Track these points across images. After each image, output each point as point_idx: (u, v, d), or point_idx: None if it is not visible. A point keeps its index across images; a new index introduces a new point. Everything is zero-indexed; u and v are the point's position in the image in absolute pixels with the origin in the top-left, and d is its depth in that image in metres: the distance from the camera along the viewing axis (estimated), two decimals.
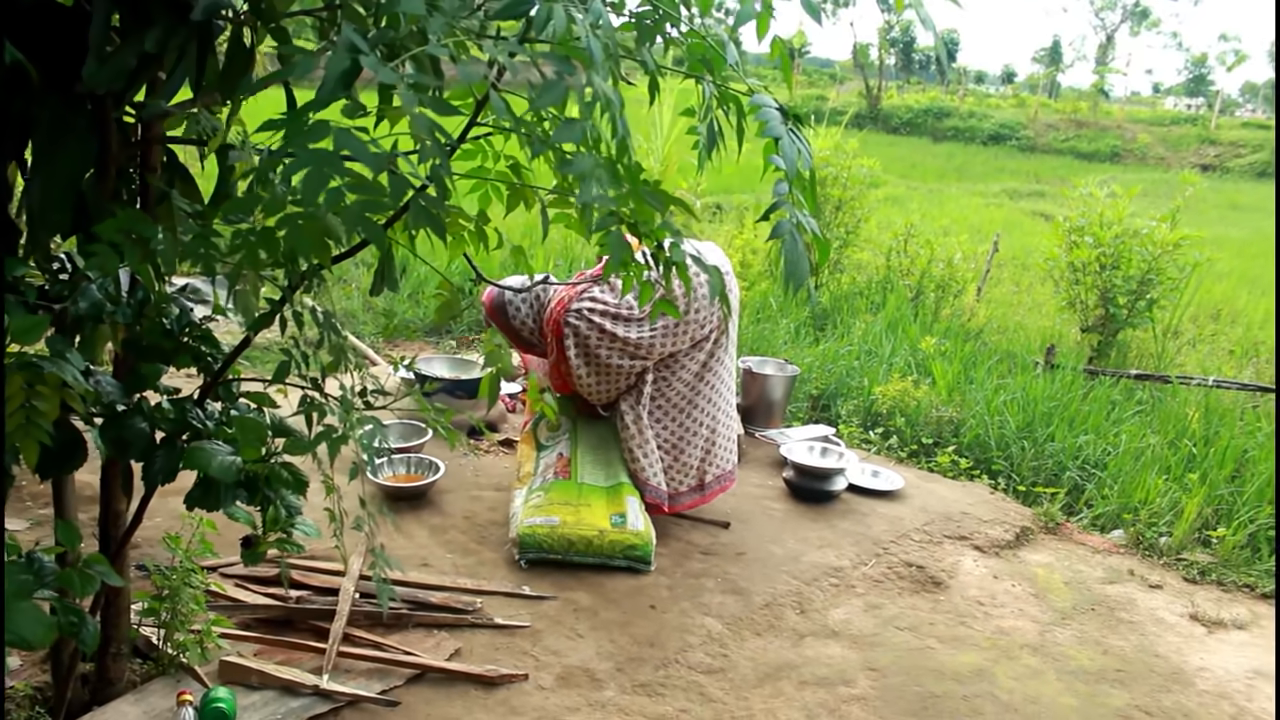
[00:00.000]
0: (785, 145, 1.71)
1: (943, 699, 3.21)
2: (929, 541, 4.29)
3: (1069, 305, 6.98)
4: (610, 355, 3.92)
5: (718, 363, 4.12)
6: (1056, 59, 52.25)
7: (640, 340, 3.89)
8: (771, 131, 1.70)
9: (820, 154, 7.59)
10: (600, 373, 3.98)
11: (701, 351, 4.05)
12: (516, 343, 4.26)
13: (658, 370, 4.03)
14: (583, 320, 3.90)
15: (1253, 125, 35.35)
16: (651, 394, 4.05)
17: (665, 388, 4.05)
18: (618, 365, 3.94)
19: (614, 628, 3.42)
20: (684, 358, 4.02)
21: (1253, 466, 4.94)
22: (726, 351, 4.16)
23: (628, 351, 3.91)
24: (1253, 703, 3.39)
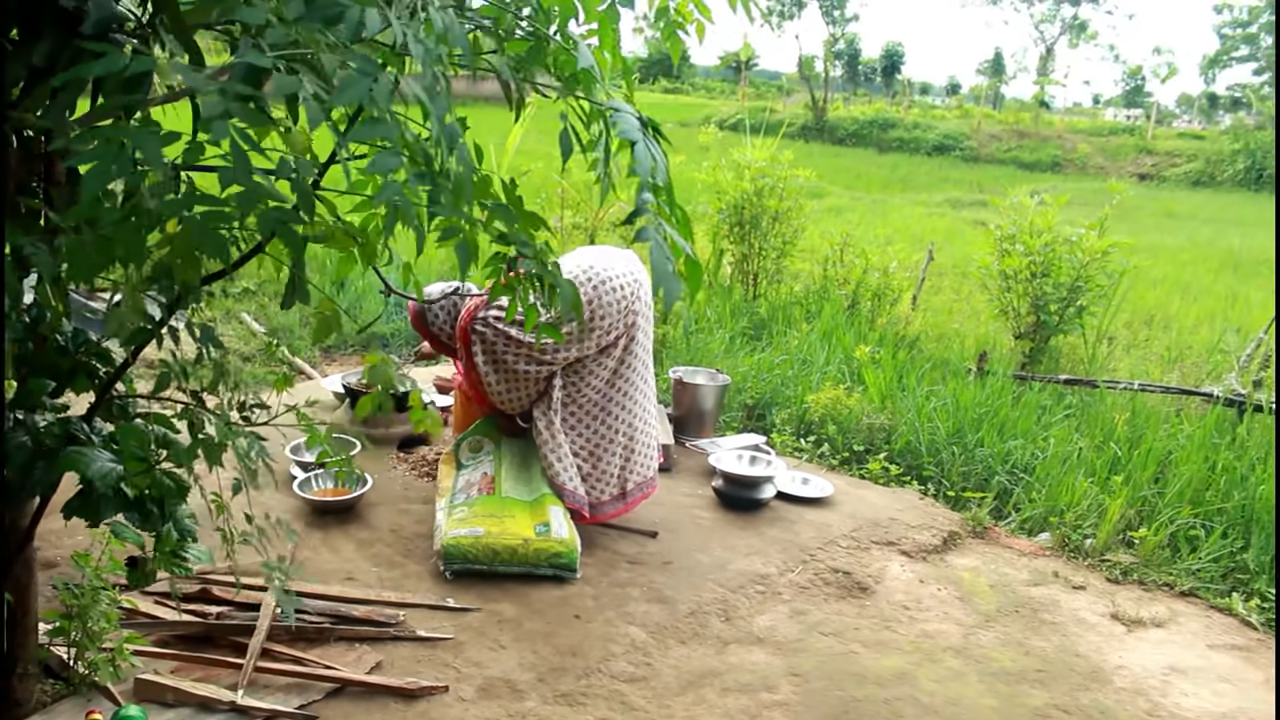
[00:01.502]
0: (640, 152, 1.71)
1: (864, 703, 3.23)
2: (856, 547, 4.32)
3: (1001, 313, 7.07)
4: (517, 361, 3.97)
5: (629, 369, 4.14)
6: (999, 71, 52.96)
7: (544, 345, 3.95)
8: (626, 135, 1.71)
9: (757, 165, 7.63)
10: (509, 379, 4.02)
11: (610, 358, 4.08)
12: (442, 350, 4.29)
13: (567, 376, 4.06)
14: (489, 328, 3.96)
15: (1188, 135, 36.07)
16: (564, 400, 4.08)
17: (577, 394, 4.08)
18: (524, 371, 3.98)
19: (537, 638, 3.41)
20: (592, 364, 4.05)
21: (1174, 468, 5.02)
22: (638, 358, 4.18)
23: (533, 357, 3.96)
24: (1167, 698, 3.45)
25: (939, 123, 35.99)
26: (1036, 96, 40.56)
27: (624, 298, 4.02)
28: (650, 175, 1.74)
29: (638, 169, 1.72)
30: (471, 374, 4.11)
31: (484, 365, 4.02)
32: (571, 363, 4.04)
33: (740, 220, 7.73)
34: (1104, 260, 6.78)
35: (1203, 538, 4.54)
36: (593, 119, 1.82)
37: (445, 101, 1.43)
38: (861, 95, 49.08)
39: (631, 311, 4.06)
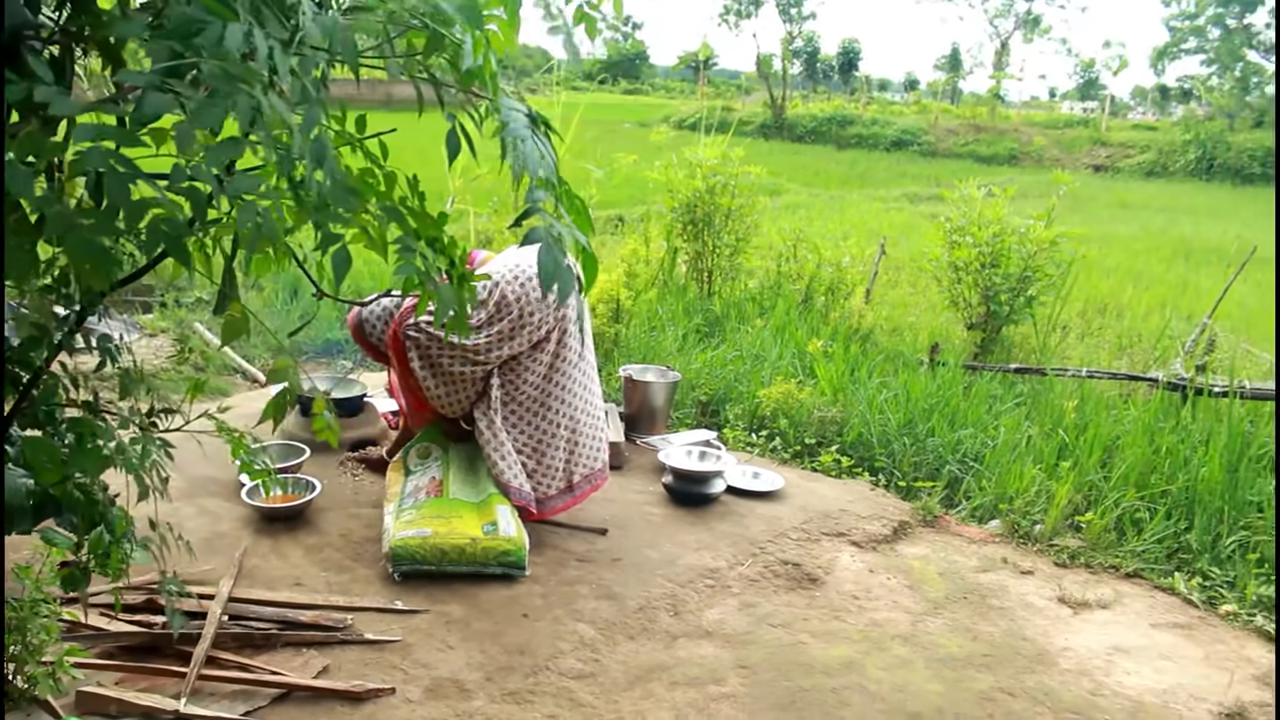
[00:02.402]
0: (529, 150, 1.70)
1: (811, 692, 3.26)
2: (807, 539, 4.35)
3: (952, 304, 7.13)
4: (452, 363, 3.98)
5: (565, 363, 4.17)
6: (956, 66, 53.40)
7: (478, 346, 3.96)
8: (512, 133, 1.70)
9: (708, 163, 7.66)
10: (446, 382, 4.04)
11: (544, 353, 4.11)
12: (379, 359, 4.28)
13: (504, 374, 4.08)
14: (421, 333, 3.97)
15: (1141, 127, 36.55)
16: (502, 398, 4.10)
17: (515, 391, 4.10)
18: (460, 372, 4.00)
19: (485, 638, 3.41)
20: (527, 360, 4.08)
21: (1121, 453, 5.09)
22: (574, 350, 4.20)
23: (468, 358, 3.98)
24: (1110, 677, 3.50)
25: (897, 119, 36.25)
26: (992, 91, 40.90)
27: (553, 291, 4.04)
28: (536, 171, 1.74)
29: (527, 168, 1.71)
30: (409, 380, 4.12)
31: (421, 370, 4.03)
32: (506, 360, 4.06)
33: (693, 218, 7.75)
34: (1052, 250, 6.86)
35: (1147, 520, 4.60)
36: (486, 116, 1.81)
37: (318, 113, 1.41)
38: (820, 93, 49.32)
39: (562, 306, 4.09)
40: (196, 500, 4.24)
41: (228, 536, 3.95)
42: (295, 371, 2.06)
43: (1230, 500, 4.65)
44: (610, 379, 5.93)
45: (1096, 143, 32.79)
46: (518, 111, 1.76)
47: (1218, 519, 4.58)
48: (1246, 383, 5.69)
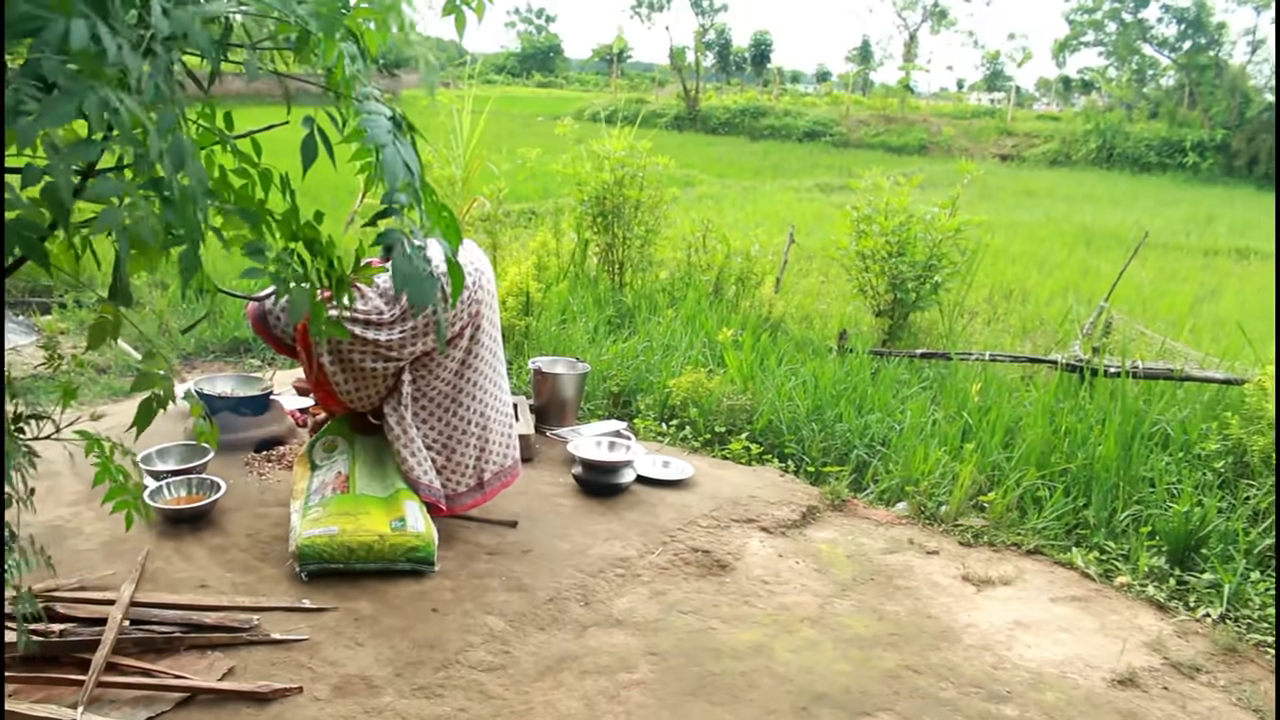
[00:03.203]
0: (389, 157, 1.68)
1: (720, 676, 3.29)
2: (716, 526, 4.39)
3: (860, 292, 7.24)
4: (363, 359, 3.92)
5: (477, 359, 4.14)
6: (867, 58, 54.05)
7: (391, 342, 3.91)
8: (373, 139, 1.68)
9: (615, 156, 7.67)
10: (357, 377, 3.98)
11: (458, 349, 4.08)
12: (284, 353, 4.21)
13: (415, 370, 4.04)
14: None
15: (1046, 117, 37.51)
16: (414, 394, 4.06)
17: (426, 387, 4.07)
18: (371, 368, 3.94)
19: (395, 633, 3.39)
20: (440, 356, 4.04)
21: (1022, 433, 5.22)
22: (485, 347, 4.18)
23: (380, 354, 3.92)
24: (1011, 651, 3.59)
25: (809, 110, 36.67)
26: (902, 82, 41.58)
27: (466, 288, 4.02)
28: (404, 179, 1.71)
29: (385, 175, 1.68)
30: (319, 375, 4.05)
31: (330, 365, 3.96)
32: (419, 356, 4.02)
33: (603, 210, 7.76)
34: (957, 238, 7.00)
35: (1047, 498, 4.73)
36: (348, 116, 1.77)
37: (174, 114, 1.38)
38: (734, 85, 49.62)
39: (475, 301, 4.07)
40: (97, 504, 4.14)
41: (130, 540, 3.86)
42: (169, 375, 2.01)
43: (1125, 476, 4.80)
44: (520, 371, 5.93)
45: (1003, 133, 33.56)
46: (379, 115, 1.73)
47: (1113, 495, 4.72)
48: (1140, 363, 5.87)
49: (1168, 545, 4.36)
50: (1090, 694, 3.37)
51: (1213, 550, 4.30)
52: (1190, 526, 4.37)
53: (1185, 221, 17.46)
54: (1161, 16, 34.28)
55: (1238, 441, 4.88)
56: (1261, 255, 13.89)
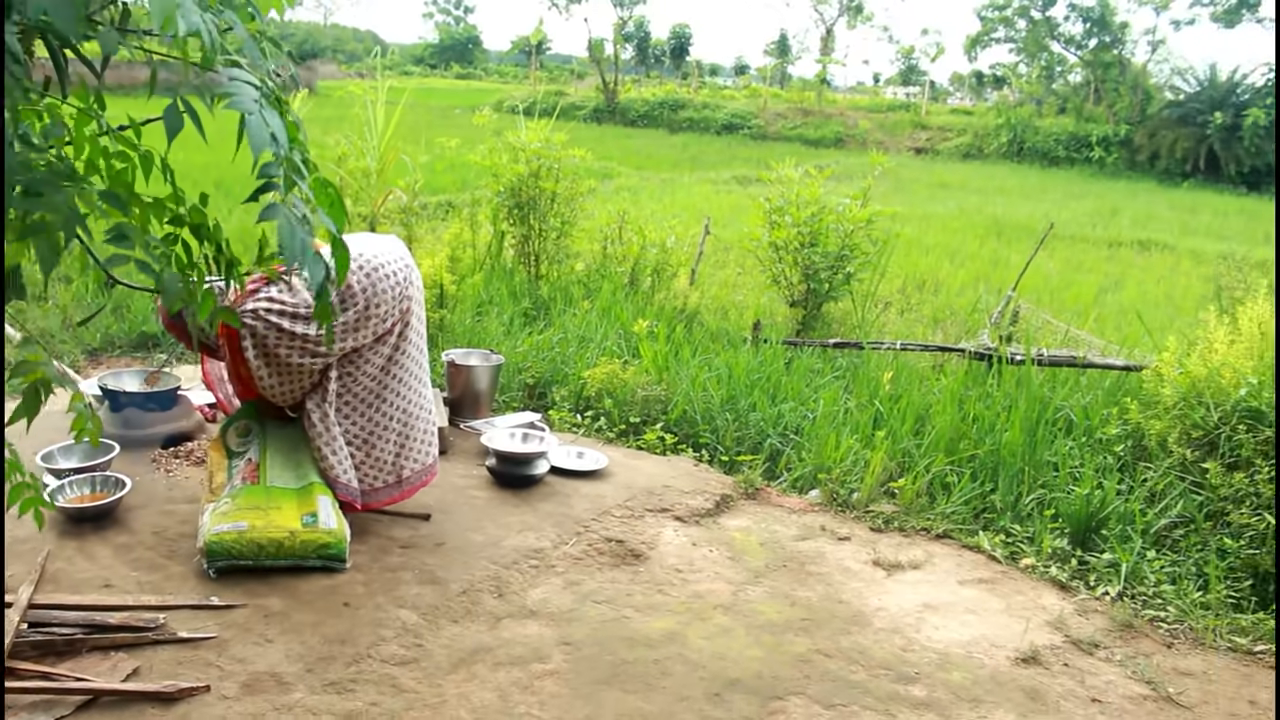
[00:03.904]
0: (254, 125, 1.64)
1: (634, 664, 3.32)
2: (630, 516, 4.41)
3: (774, 282, 7.32)
4: (291, 354, 3.82)
5: (403, 355, 4.09)
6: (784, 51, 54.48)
7: (321, 336, 3.81)
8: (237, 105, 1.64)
9: (531, 147, 7.65)
10: (282, 373, 3.88)
11: (386, 345, 4.01)
12: (196, 348, 4.11)
13: (342, 366, 3.96)
14: (259, 321, 3.78)
15: (959, 111, 38.24)
16: (338, 390, 3.98)
17: (351, 383, 3.99)
18: (299, 364, 3.85)
19: (305, 629, 3.35)
20: (368, 352, 3.97)
21: (932, 420, 5.33)
22: (413, 344, 4.13)
23: (308, 349, 3.82)
24: (920, 633, 3.67)
25: (728, 103, 36.91)
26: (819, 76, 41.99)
27: (398, 284, 3.96)
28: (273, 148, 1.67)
29: (251, 143, 1.65)
30: (241, 369, 3.94)
31: (255, 360, 3.85)
32: (348, 352, 3.95)
33: (519, 202, 7.73)
34: (868, 229, 7.11)
35: (956, 483, 4.83)
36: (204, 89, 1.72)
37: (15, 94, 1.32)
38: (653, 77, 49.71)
39: (406, 297, 4.01)
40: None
41: (29, 541, 3.76)
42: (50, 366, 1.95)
43: (1030, 461, 4.92)
44: (434, 364, 5.88)
45: (918, 126, 34.13)
46: (245, 84, 1.68)
47: (1019, 479, 4.84)
48: (1045, 351, 6.02)
49: (1070, 527, 4.48)
50: (995, 673, 3.45)
51: (1112, 531, 4.43)
52: (1091, 509, 4.50)
53: (1091, 214, 17.90)
54: (1068, 15, 35.12)
55: (1136, 426, 5.02)
56: (1161, 247, 14.30)
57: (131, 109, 2.07)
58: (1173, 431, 4.77)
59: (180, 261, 1.73)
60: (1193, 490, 4.57)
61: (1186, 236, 15.74)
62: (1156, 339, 6.35)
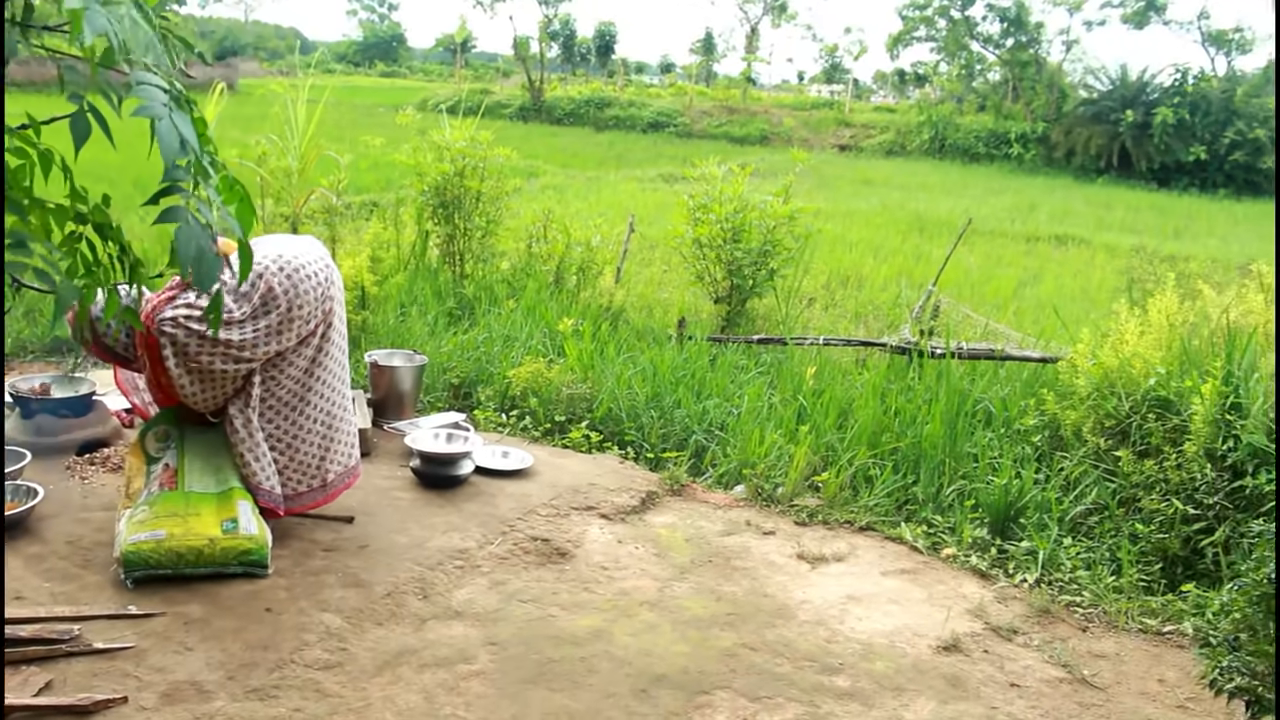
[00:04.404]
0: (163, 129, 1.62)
1: (560, 663, 3.32)
2: (556, 515, 4.40)
3: (698, 279, 7.36)
4: (213, 361, 3.73)
5: (326, 356, 4.03)
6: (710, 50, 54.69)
7: (244, 341, 3.73)
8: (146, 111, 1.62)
9: (456, 146, 7.60)
10: (205, 380, 3.79)
11: (309, 347, 3.95)
12: (109, 359, 4.00)
13: (266, 370, 3.88)
14: (179, 328, 3.68)
15: (883, 109, 38.80)
16: (261, 394, 3.91)
17: (275, 386, 3.92)
18: (221, 370, 3.77)
19: (227, 636, 3.30)
20: (292, 355, 3.90)
21: (855, 414, 5.40)
22: (335, 345, 4.08)
23: (230, 355, 3.74)
24: (844, 624, 3.72)
25: (654, 101, 37.04)
26: (744, 74, 42.33)
27: (320, 284, 3.91)
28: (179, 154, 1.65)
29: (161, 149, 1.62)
30: (160, 378, 3.84)
31: (176, 368, 3.74)
32: (271, 356, 3.88)
33: (443, 201, 7.68)
34: (791, 225, 7.18)
35: (879, 476, 4.90)
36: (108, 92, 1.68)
37: None
38: (579, 75, 49.63)
39: (328, 298, 3.96)
40: None
41: None
42: None
43: (951, 453, 5.01)
44: (358, 365, 5.82)
45: (841, 124, 34.57)
46: (153, 88, 1.66)
47: (940, 471, 4.92)
48: (964, 344, 6.14)
49: (989, 516, 4.57)
50: (917, 661, 3.51)
51: (1030, 519, 4.52)
52: (1010, 498, 4.60)
53: (1010, 209, 18.27)
54: (986, 15, 35.79)
55: (1053, 416, 5.13)
56: (1077, 241, 14.65)
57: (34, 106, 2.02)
58: (1087, 421, 4.89)
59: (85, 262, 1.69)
60: (1106, 478, 4.69)
61: (1101, 231, 16.13)
62: (1072, 331, 6.49)
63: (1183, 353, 4.94)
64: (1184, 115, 29.23)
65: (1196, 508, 4.25)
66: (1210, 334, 5.20)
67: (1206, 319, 5.45)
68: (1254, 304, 5.39)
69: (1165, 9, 35.43)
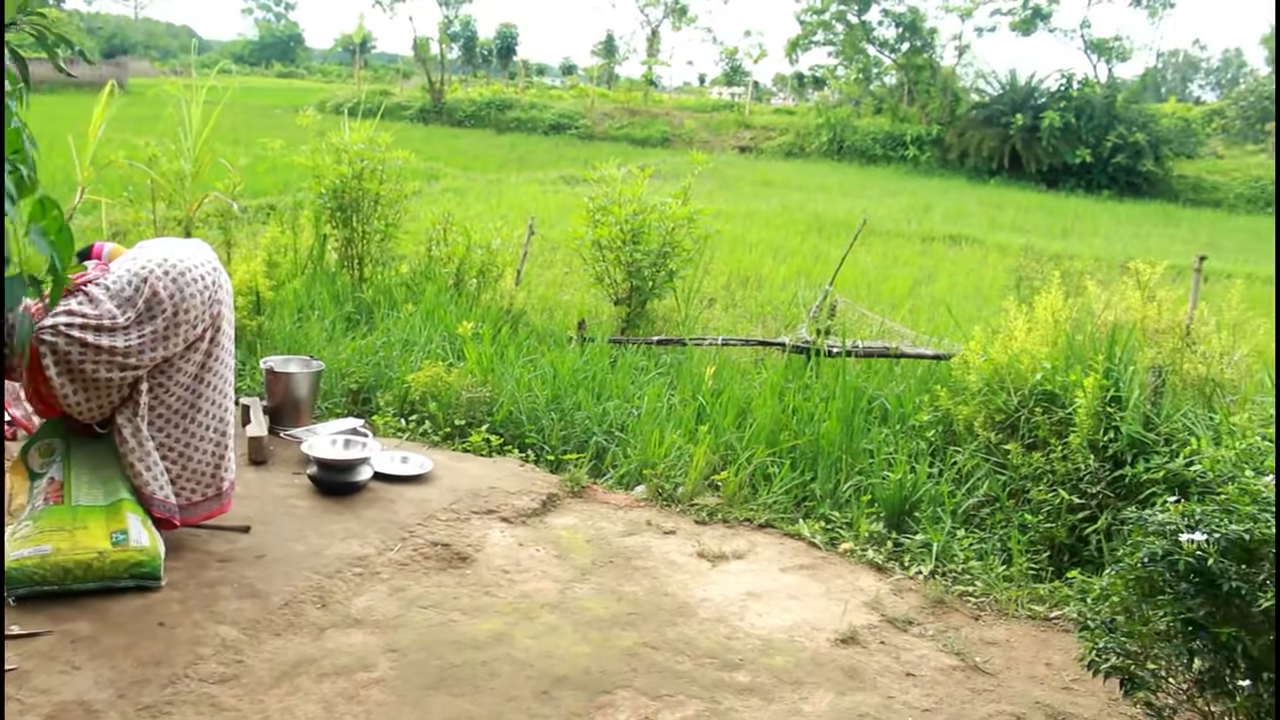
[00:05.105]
0: None
1: (461, 668, 3.30)
2: (456, 519, 4.38)
3: (598, 280, 7.37)
4: (98, 369, 3.62)
5: (216, 362, 3.95)
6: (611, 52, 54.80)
7: (129, 348, 3.63)
8: None
9: (355, 148, 7.51)
10: (89, 389, 3.67)
11: (197, 353, 3.86)
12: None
13: (153, 377, 3.78)
14: (60, 337, 3.56)
15: (782, 111, 39.31)
16: (150, 403, 3.81)
17: (164, 394, 3.82)
18: (107, 378, 3.65)
19: (117, 653, 3.21)
20: (180, 361, 3.81)
21: (753, 413, 5.46)
22: (225, 349, 4.00)
23: (116, 363, 3.63)
24: (744, 621, 3.77)
25: (555, 103, 36.98)
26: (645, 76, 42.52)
27: (207, 288, 3.83)
28: None
29: None
30: (41, 389, 3.70)
31: (58, 378, 3.61)
32: (159, 363, 3.78)
33: (342, 204, 7.58)
34: (690, 226, 7.24)
35: (777, 473, 4.97)
36: None
37: None
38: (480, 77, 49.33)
39: (215, 302, 3.88)
40: None
41: None
42: None
43: (847, 449, 5.10)
44: (253, 372, 5.72)
45: (742, 126, 34.92)
46: None
47: (837, 467, 5.01)
48: (860, 343, 6.26)
49: (885, 511, 4.67)
50: (816, 654, 3.58)
51: (924, 513, 4.64)
52: (905, 492, 4.71)
53: (906, 210, 18.66)
54: (882, 19, 36.48)
55: (946, 412, 5.27)
56: (970, 241, 15.03)
57: None
58: (978, 416, 5.03)
59: None
60: (997, 470, 4.83)
61: (993, 231, 16.56)
62: (965, 329, 6.66)
63: (1068, 348, 5.10)
64: (1070, 119, 30.19)
65: (1081, 497, 4.41)
66: (1093, 330, 5.39)
67: (1090, 315, 5.64)
68: (1132, 301, 5.60)
69: (1050, 17, 36.61)
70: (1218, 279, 11.41)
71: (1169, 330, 5.36)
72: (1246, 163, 31.58)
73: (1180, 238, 18.76)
